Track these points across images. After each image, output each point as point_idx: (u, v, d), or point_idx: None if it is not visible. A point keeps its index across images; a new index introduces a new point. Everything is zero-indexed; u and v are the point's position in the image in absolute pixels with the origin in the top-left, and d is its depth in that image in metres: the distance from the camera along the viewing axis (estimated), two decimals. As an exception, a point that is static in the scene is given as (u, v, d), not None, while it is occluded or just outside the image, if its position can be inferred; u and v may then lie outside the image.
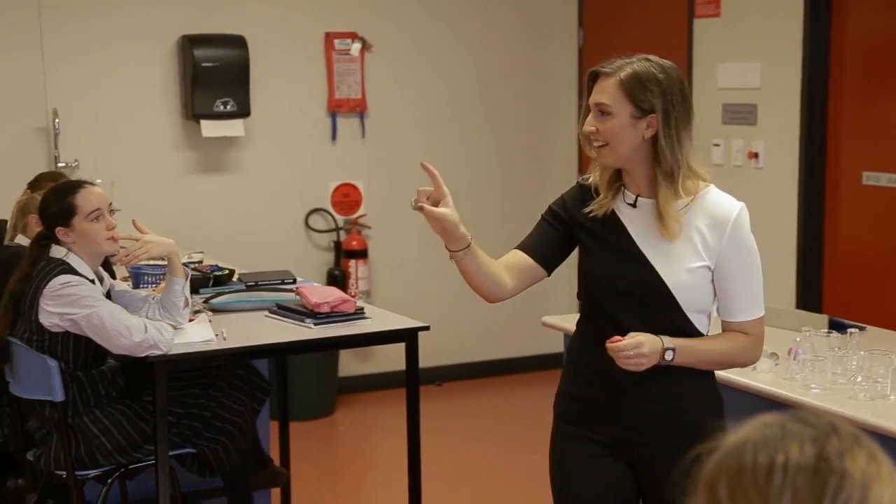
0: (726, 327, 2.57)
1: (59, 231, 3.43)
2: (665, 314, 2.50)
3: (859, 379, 2.92)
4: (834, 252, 5.35)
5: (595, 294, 2.57)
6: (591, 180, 2.61)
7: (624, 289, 2.51)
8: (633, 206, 2.54)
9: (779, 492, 1.01)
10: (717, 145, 5.74)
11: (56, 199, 3.47)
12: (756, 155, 5.56)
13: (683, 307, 2.50)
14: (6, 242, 4.10)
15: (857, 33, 5.21)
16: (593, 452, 2.58)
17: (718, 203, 2.52)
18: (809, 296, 5.29)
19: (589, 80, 2.55)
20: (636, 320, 2.50)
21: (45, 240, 3.48)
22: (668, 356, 2.44)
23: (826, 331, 3.31)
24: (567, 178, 6.80)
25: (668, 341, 2.44)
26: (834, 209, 5.34)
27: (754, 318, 2.55)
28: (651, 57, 2.53)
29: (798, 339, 3.21)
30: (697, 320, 2.53)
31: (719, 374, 3.08)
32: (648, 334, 2.43)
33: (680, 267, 2.49)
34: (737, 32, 5.65)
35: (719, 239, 2.49)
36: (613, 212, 2.55)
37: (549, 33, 6.71)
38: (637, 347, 2.40)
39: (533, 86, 6.71)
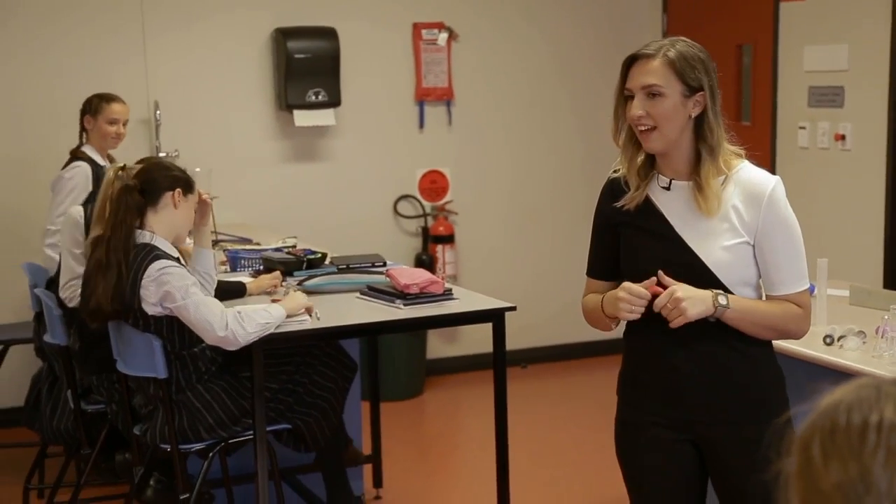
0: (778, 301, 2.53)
1: (175, 195, 3.52)
2: None
3: None
4: (922, 234, 5.23)
5: (637, 280, 2.49)
6: (620, 173, 2.59)
7: (662, 270, 2.45)
8: (668, 188, 2.51)
9: (872, 451, 0.99)
10: (802, 128, 5.64)
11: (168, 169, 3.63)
12: (843, 137, 5.45)
13: (726, 284, 2.46)
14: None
15: (946, 14, 5.07)
16: (658, 436, 2.55)
17: (753, 179, 2.49)
18: (896, 278, 5.17)
19: (624, 66, 2.51)
20: None
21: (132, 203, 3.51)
22: (723, 300, 2.40)
23: (914, 310, 3.24)
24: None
25: (720, 294, 2.43)
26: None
27: (799, 291, 2.50)
28: (683, 38, 2.53)
29: (886, 317, 3.15)
30: (744, 294, 2.49)
31: (805, 352, 3.06)
32: (684, 285, 2.41)
33: (716, 245, 2.46)
34: (823, 15, 5.54)
35: (756, 214, 2.46)
36: (648, 198, 2.52)
37: (633, 18, 6.65)
38: (672, 294, 2.38)
39: (616, 73, 6.64)
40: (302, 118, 5.97)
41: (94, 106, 4.76)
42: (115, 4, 5.74)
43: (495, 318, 3.72)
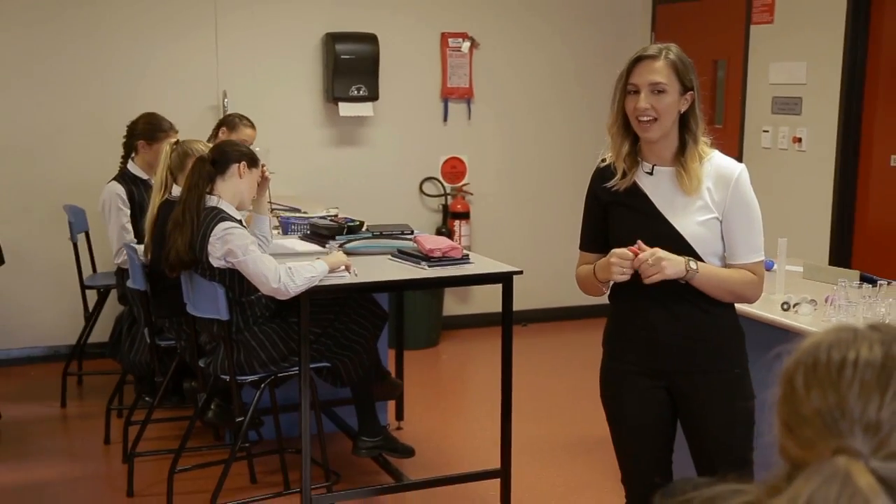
0: (737, 269, 2.51)
1: (240, 167, 3.52)
2: None
3: (887, 322, 2.82)
4: (863, 223, 5.17)
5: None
6: (608, 160, 2.55)
7: (647, 242, 2.42)
8: (651, 174, 2.48)
9: (849, 383, 0.98)
10: (766, 131, 5.58)
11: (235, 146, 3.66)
12: (799, 140, 5.39)
13: (700, 254, 2.44)
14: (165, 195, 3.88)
15: (891, 39, 5.00)
16: (638, 382, 2.53)
17: (723, 164, 2.48)
18: (841, 260, 5.12)
19: (631, 64, 2.45)
20: None
21: (205, 171, 3.48)
22: (693, 265, 2.39)
23: (858, 283, 3.20)
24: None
25: (691, 260, 2.41)
26: (865, 187, 5.15)
27: (755, 261, 2.50)
28: (672, 44, 2.50)
29: (835, 289, 3.11)
30: (713, 263, 2.47)
31: (767, 316, 3.02)
32: (662, 250, 2.39)
33: (692, 220, 2.44)
34: (787, 37, 5.47)
35: (724, 194, 2.45)
36: (635, 182, 2.49)
37: (625, 35, 6.58)
38: (653, 254, 2.36)
39: (607, 80, 6.59)
40: (345, 109, 5.93)
41: (153, 133, 4.46)
42: (192, 5, 5.71)
43: (505, 279, 3.69)
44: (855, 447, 0.95)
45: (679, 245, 2.43)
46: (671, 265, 2.37)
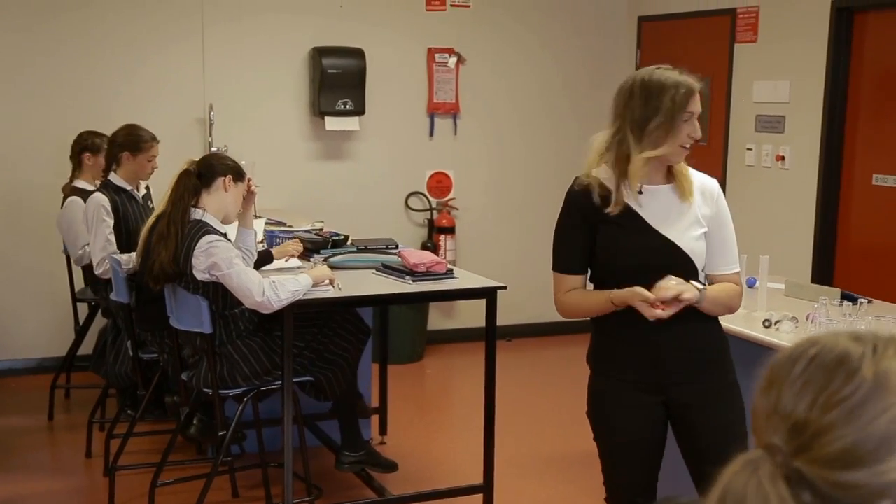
0: (720, 279, 2.54)
1: (226, 180, 3.50)
2: (686, 277, 2.45)
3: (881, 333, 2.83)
4: (846, 241, 5.21)
5: (625, 273, 2.44)
6: (587, 182, 2.49)
7: (655, 263, 2.42)
8: (641, 193, 2.46)
9: (794, 380, 0.94)
10: (749, 149, 5.62)
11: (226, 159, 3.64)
12: (783, 158, 5.42)
13: (697, 266, 2.48)
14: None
15: (873, 59, 5.05)
16: (637, 399, 2.52)
17: (703, 178, 2.55)
18: (823, 277, 5.15)
19: (688, 94, 2.42)
20: None
21: (190, 184, 3.48)
22: (701, 287, 2.42)
23: (839, 301, 3.22)
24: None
25: (697, 284, 2.43)
26: (847, 205, 5.19)
27: (737, 271, 2.58)
28: None
29: (815, 306, 3.13)
30: (702, 277, 2.52)
31: (748, 333, 3.04)
32: (673, 278, 2.39)
33: (690, 235, 2.47)
34: (770, 56, 5.51)
35: (709, 207, 2.50)
36: (625, 203, 2.47)
37: (612, 54, 6.62)
38: (678, 293, 2.36)
39: (591, 101, 6.63)
40: (332, 123, 5.94)
41: (136, 144, 4.42)
42: (179, 18, 5.71)
43: (489, 295, 3.70)
44: (776, 443, 0.93)
45: (678, 259, 2.45)
46: (689, 292, 2.38)
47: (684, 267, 2.45)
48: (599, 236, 2.49)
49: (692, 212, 2.48)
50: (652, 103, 2.41)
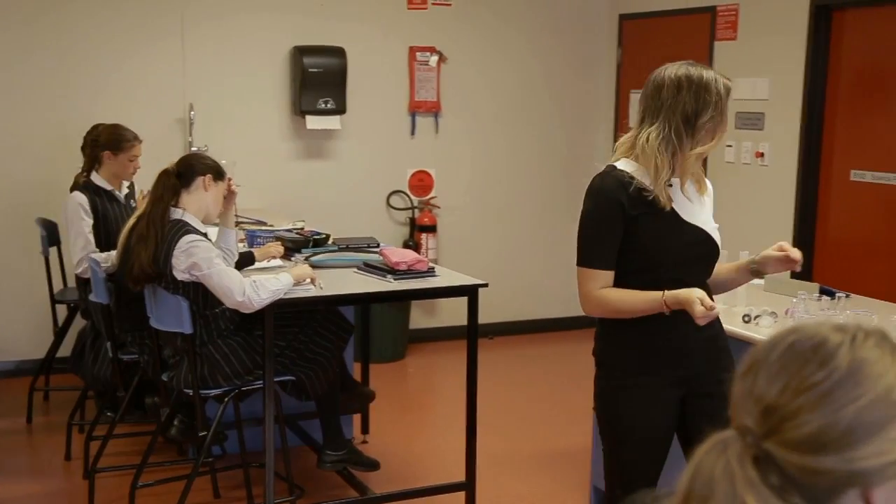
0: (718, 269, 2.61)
1: (205, 180, 3.49)
2: (712, 268, 2.52)
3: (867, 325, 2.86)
4: (824, 236, 5.25)
5: (666, 268, 2.43)
6: (622, 174, 2.43)
7: (693, 256, 2.44)
8: (670, 185, 2.46)
9: (770, 364, 0.95)
10: (729, 146, 5.64)
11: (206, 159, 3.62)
12: (762, 154, 5.46)
13: (720, 255, 2.54)
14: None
15: (850, 57, 5.09)
16: (665, 395, 2.50)
17: (701, 175, 2.57)
18: (802, 272, 5.17)
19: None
20: (701, 277, 2.49)
21: (169, 184, 3.46)
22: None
23: (818, 296, 3.24)
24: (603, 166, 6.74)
25: None
26: (826, 200, 5.23)
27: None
28: None
29: (794, 301, 3.15)
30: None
31: (730, 328, 3.05)
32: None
33: (714, 227, 2.52)
34: (750, 54, 5.54)
35: (711, 202, 2.56)
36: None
37: (593, 52, 6.64)
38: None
39: (575, 97, 6.65)
40: (313, 122, 5.92)
41: (119, 144, 4.40)
42: (159, 17, 5.68)
43: (470, 292, 3.70)
44: (747, 425, 0.94)
45: (713, 251, 2.50)
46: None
47: (715, 259, 2.51)
48: (640, 230, 2.42)
49: (709, 204, 2.53)
50: (703, 98, 2.38)
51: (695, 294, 2.33)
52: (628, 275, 2.44)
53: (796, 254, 2.45)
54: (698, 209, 2.48)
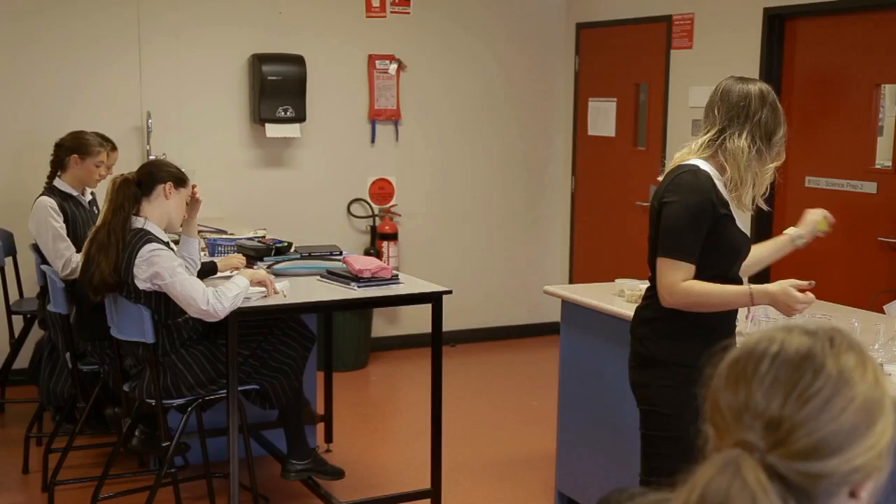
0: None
1: (166, 188, 3.46)
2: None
3: (834, 328, 2.93)
4: (780, 242, 5.33)
5: (732, 267, 2.59)
6: (707, 173, 2.51)
7: (743, 256, 2.61)
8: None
9: (761, 378, 0.98)
10: (686, 153, 5.72)
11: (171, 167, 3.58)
12: (719, 162, 5.54)
13: None
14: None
15: (803, 65, 5.19)
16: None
17: None
18: (759, 277, 5.26)
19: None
20: (738, 275, 2.66)
21: (130, 193, 3.43)
22: None
23: (777, 300, 3.29)
24: (563, 173, 6.80)
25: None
26: (781, 206, 5.31)
27: None
28: None
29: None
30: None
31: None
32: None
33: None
34: (705, 62, 5.63)
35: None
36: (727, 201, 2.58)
37: (551, 61, 6.70)
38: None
39: (534, 106, 6.70)
40: (272, 130, 5.90)
41: (86, 149, 4.36)
42: (115, 28, 5.62)
43: (434, 299, 3.71)
44: (751, 441, 0.96)
45: (748, 252, 2.66)
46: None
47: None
48: (720, 230, 2.50)
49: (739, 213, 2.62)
50: (778, 115, 2.54)
51: (786, 286, 2.49)
52: (700, 271, 2.52)
53: (822, 211, 2.64)
54: (740, 215, 2.61)
